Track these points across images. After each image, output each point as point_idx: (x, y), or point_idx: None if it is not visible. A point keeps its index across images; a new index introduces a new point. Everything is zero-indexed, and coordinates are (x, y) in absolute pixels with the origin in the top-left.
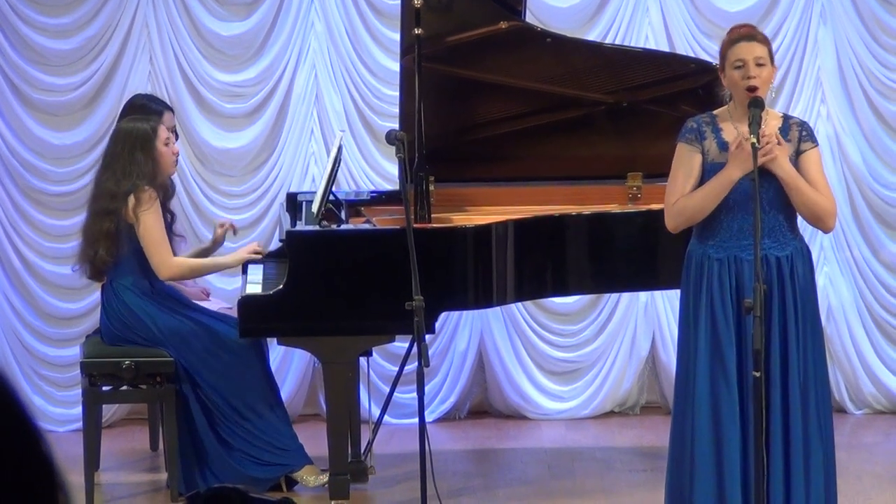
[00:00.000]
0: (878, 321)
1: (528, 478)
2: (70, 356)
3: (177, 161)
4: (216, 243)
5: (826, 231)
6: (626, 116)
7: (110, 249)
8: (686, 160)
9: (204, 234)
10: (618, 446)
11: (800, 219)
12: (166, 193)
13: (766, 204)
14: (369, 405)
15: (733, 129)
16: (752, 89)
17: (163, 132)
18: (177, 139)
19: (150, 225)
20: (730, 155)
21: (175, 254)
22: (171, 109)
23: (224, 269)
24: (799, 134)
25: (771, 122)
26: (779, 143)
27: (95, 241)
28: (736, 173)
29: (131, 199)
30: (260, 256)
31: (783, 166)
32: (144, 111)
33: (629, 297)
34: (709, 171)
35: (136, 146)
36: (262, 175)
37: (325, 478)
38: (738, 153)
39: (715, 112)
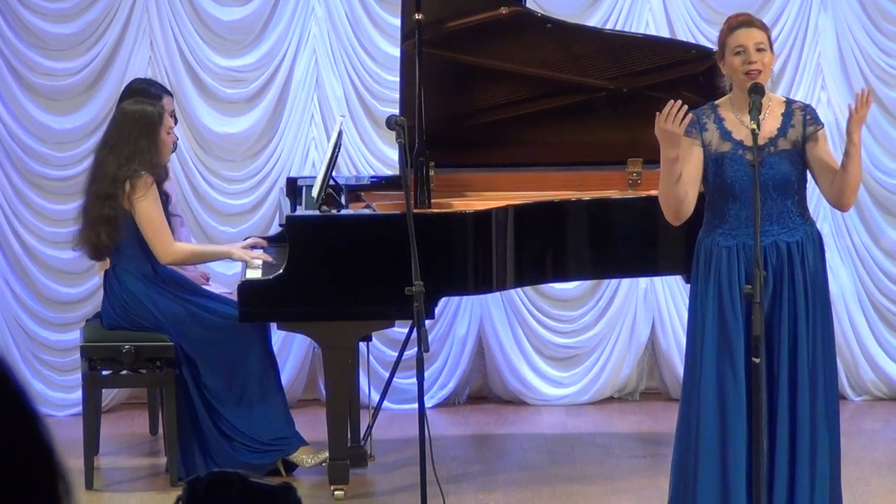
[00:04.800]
0: (878, 308)
1: (528, 463)
2: (70, 340)
3: (174, 149)
4: None
5: (845, 209)
6: (626, 102)
7: (111, 234)
8: (684, 154)
9: (204, 218)
10: (617, 432)
11: (813, 203)
12: (163, 176)
13: (774, 190)
14: (369, 390)
15: (734, 118)
16: (754, 74)
17: (167, 120)
18: (176, 124)
19: (147, 211)
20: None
21: (173, 232)
22: (170, 94)
23: (228, 258)
24: (803, 118)
25: (774, 108)
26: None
27: (96, 223)
28: (667, 152)
29: (127, 186)
30: (269, 261)
31: (858, 139)
32: (144, 95)
33: (629, 283)
34: (713, 161)
35: (143, 132)
36: (262, 160)
37: (322, 456)
38: (659, 133)
39: (716, 102)
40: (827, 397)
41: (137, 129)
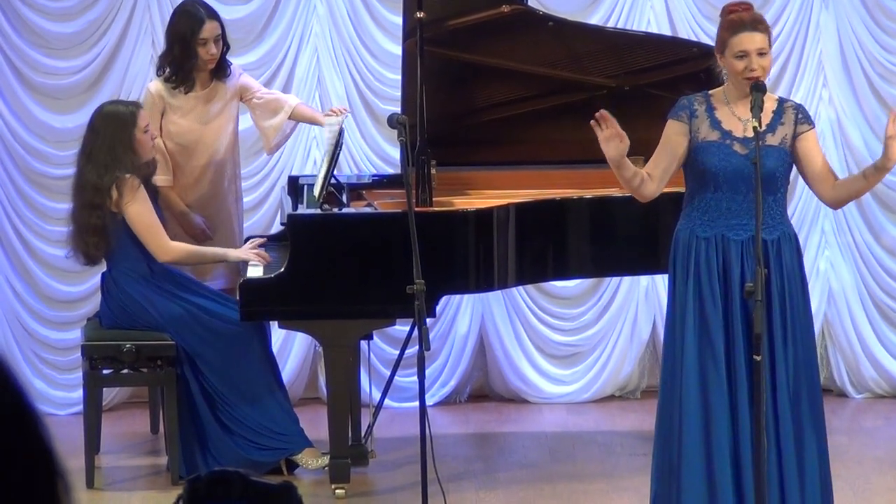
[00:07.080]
0: (879, 305)
1: (529, 462)
2: (71, 339)
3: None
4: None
5: (837, 209)
6: (627, 100)
7: (98, 244)
8: (670, 138)
9: None
10: (619, 430)
11: (814, 201)
12: (148, 172)
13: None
14: (370, 389)
15: (727, 110)
16: (754, 78)
17: (142, 120)
18: (228, 49)
19: (137, 214)
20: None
21: (166, 228)
22: (217, 18)
23: (225, 260)
24: (795, 117)
25: (766, 104)
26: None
27: (84, 232)
28: (610, 154)
29: (114, 192)
30: (264, 263)
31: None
32: (189, 17)
33: (630, 281)
34: (701, 150)
35: (116, 138)
36: (263, 158)
37: (325, 460)
38: (602, 142)
39: (710, 92)
40: (810, 396)
41: (111, 135)
